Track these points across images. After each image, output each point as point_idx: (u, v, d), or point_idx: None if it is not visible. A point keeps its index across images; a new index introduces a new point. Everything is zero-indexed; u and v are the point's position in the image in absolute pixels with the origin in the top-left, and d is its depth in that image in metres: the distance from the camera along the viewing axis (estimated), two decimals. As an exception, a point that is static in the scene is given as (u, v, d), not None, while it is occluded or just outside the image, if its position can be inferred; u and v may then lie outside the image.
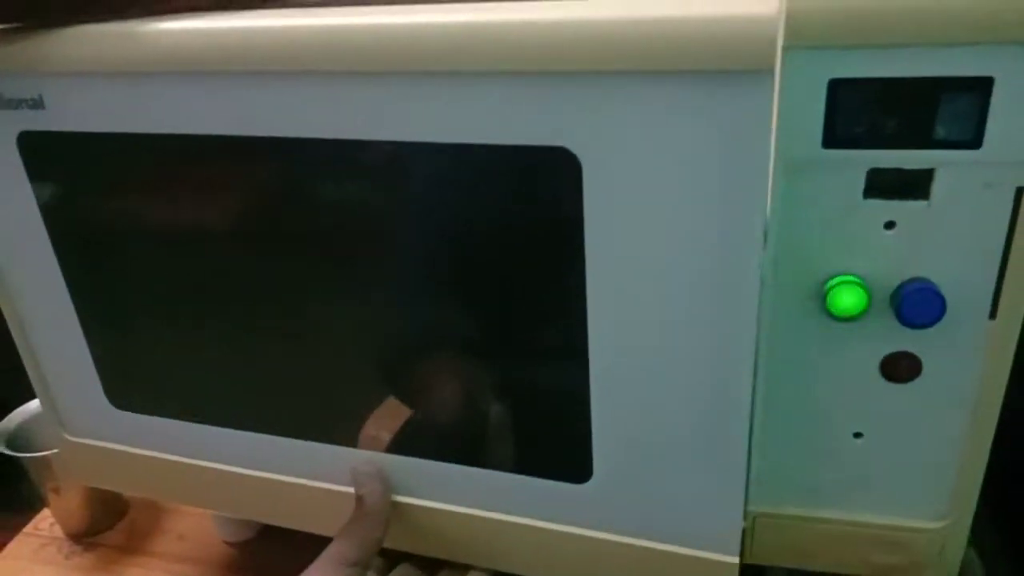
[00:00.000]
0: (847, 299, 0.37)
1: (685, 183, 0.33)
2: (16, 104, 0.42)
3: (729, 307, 0.35)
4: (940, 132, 0.35)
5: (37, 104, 0.42)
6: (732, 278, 0.34)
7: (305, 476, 0.47)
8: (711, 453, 0.38)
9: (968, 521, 0.42)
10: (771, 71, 0.30)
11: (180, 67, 0.38)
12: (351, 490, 0.45)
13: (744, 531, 0.45)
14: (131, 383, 0.51)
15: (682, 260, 0.34)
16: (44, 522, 0.72)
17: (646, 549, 0.41)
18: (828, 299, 0.38)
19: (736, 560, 0.40)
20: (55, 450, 0.64)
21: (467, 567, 0.47)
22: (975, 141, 0.34)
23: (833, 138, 0.36)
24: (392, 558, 0.48)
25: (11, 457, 0.66)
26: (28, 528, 0.71)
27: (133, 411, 0.51)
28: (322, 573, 0.41)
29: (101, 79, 0.40)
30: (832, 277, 0.38)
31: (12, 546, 0.69)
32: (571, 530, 0.42)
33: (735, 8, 0.30)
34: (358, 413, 0.45)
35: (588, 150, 0.34)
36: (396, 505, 0.45)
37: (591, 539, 0.42)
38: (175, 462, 0.51)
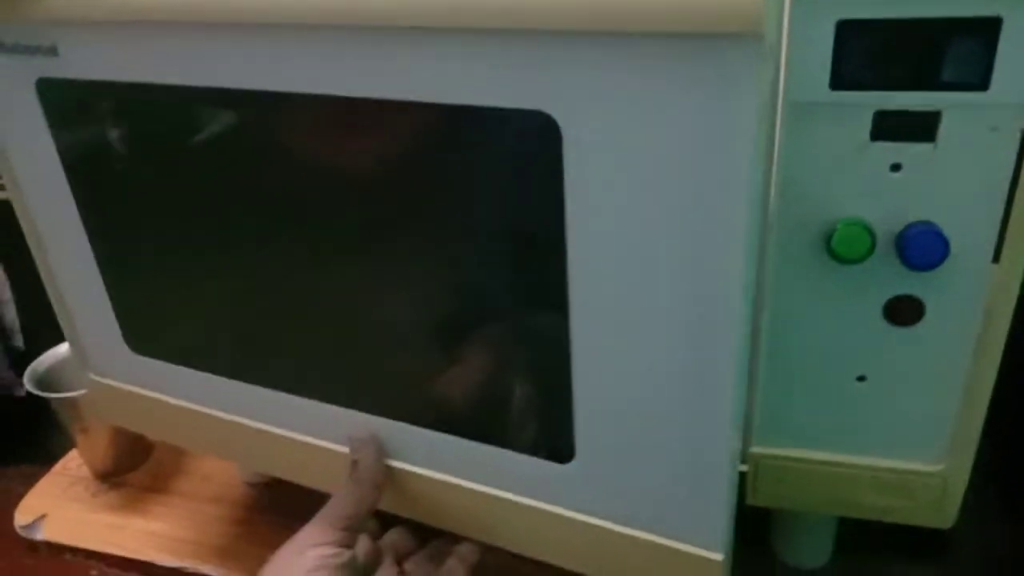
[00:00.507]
0: (851, 241, 0.38)
1: (669, 150, 0.31)
2: (33, 51, 0.43)
3: (715, 280, 0.33)
4: (947, 74, 0.35)
5: (52, 51, 0.43)
6: (718, 248, 0.32)
7: (310, 434, 0.48)
8: (695, 443, 0.36)
9: (968, 465, 0.43)
10: (759, 35, 0.27)
11: (187, 17, 0.38)
12: None
13: (746, 474, 0.46)
14: (147, 328, 0.52)
15: (666, 231, 0.33)
16: (72, 462, 0.74)
17: (629, 536, 0.40)
18: (833, 241, 0.38)
19: (720, 557, 0.38)
20: (83, 391, 0.66)
21: (459, 538, 0.48)
22: (982, 83, 0.34)
23: (840, 80, 0.36)
24: (387, 522, 0.49)
25: (40, 397, 0.68)
26: (57, 467, 0.74)
27: (149, 356, 0.52)
28: (315, 533, 0.43)
29: (109, 28, 0.41)
30: (837, 219, 0.38)
31: (41, 484, 0.72)
32: (555, 510, 0.42)
33: None
34: (362, 376, 0.46)
35: (568, 115, 0.32)
36: (391, 470, 0.46)
37: (574, 521, 0.41)
38: (187, 408, 0.52)
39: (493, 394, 0.42)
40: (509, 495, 0.43)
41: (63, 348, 0.73)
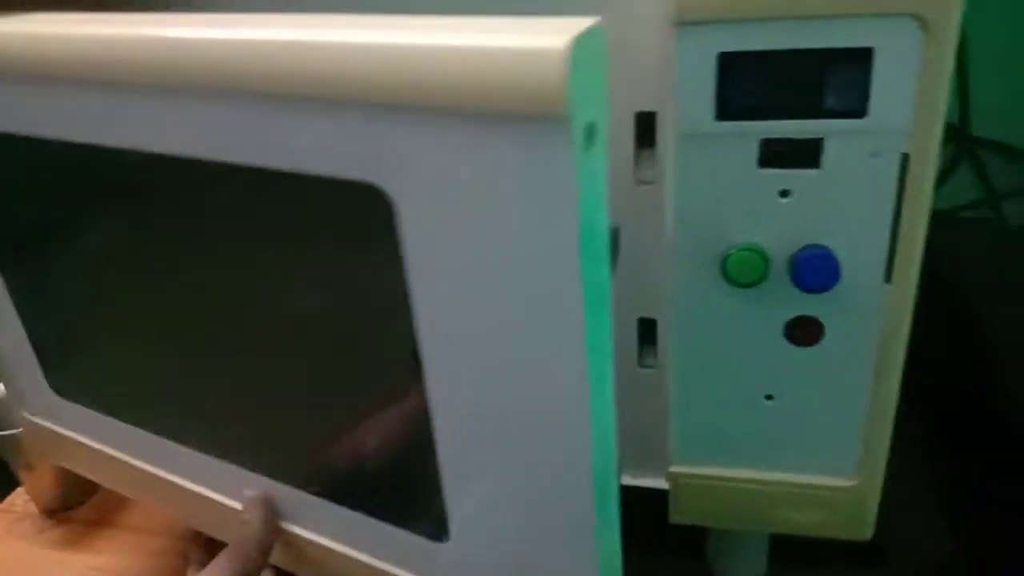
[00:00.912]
0: (745, 266, 0.38)
1: (500, 228, 0.29)
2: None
3: (560, 347, 0.30)
4: (827, 102, 0.36)
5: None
6: (557, 315, 0.29)
7: (211, 488, 0.48)
8: (563, 532, 0.34)
9: (880, 477, 0.43)
10: (564, 118, 0.25)
11: (37, 71, 0.38)
12: None
13: (669, 492, 0.47)
14: (63, 371, 0.52)
15: (508, 301, 0.30)
16: (19, 499, 0.74)
17: None
18: (727, 266, 0.39)
19: None
20: (20, 429, 0.65)
21: None
22: (860, 110, 0.35)
23: (726, 111, 0.37)
24: None
25: (-17, 436, 0.68)
26: (3, 505, 0.73)
27: (67, 398, 0.52)
28: None
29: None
30: (732, 245, 0.39)
31: (-14, 523, 0.71)
32: None
33: (523, 40, 0.25)
34: (252, 437, 0.45)
35: (400, 189, 0.30)
36: (285, 531, 0.45)
37: None
38: (103, 452, 0.52)
39: (370, 467, 0.41)
40: (395, 570, 0.42)
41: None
